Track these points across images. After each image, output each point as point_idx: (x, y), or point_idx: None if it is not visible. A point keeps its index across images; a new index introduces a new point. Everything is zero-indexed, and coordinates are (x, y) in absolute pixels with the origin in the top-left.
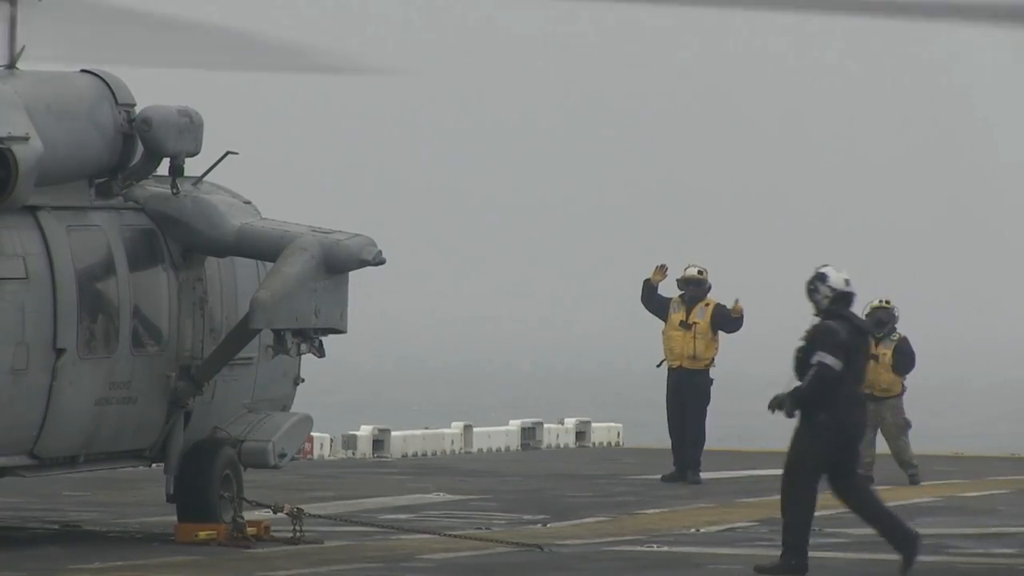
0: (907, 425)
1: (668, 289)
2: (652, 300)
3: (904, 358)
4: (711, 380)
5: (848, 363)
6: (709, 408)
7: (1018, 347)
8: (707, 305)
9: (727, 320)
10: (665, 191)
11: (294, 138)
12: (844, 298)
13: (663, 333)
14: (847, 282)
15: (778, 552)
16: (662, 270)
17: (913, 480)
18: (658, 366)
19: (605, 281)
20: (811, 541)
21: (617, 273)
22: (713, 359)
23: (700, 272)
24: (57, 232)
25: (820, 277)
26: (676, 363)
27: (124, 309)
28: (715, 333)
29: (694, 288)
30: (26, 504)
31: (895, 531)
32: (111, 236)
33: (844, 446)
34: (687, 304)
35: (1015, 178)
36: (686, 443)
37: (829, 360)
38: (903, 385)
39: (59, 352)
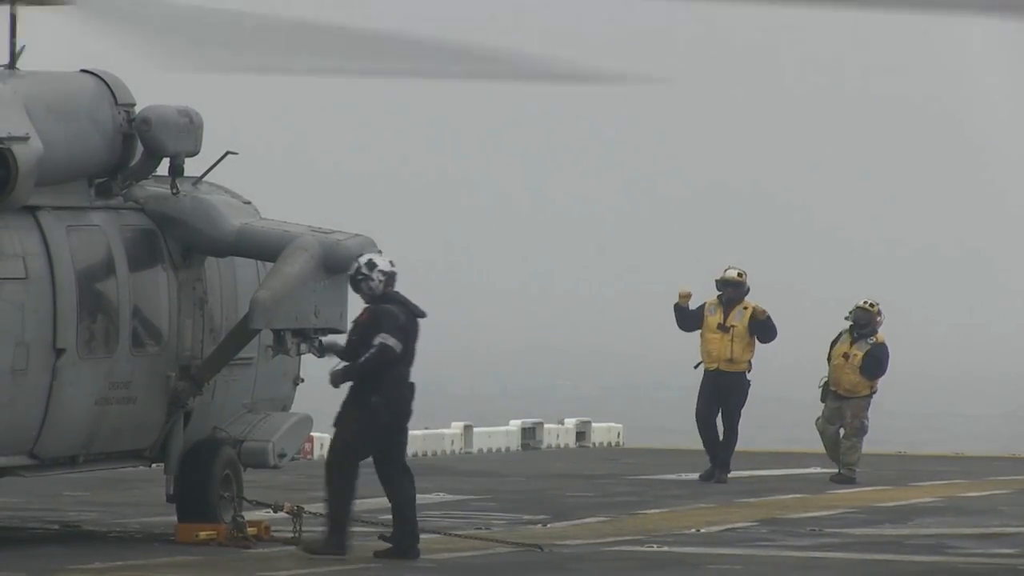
0: (863, 429)
1: (699, 287)
2: (687, 320)
3: (873, 362)
4: (748, 382)
5: (404, 347)
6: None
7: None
8: (745, 308)
9: (762, 329)
10: (664, 192)
11: (294, 138)
12: (394, 278)
13: (700, 336)
14: (392, 263)
15: (778, 552)
16: (687, 296)
17: (839, 479)
18: (696, 367)
19: (609, 280)
20: (809, 542)
21: (619, 272)
22: (750, 362)
23: (740, 274)
24: (57, 232)
25: (370, 265)
26: (714, 365)
27: (124, 309)
28: (752, 336)
29: (733, 290)
30: (26, 504)
31: (406, 530)
32: (111, 236)
33: (395, 428)
34: (724, 306)
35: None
36: (718, 442)
37: (391, 342)
38: (872, 388)
39: (59, 352)
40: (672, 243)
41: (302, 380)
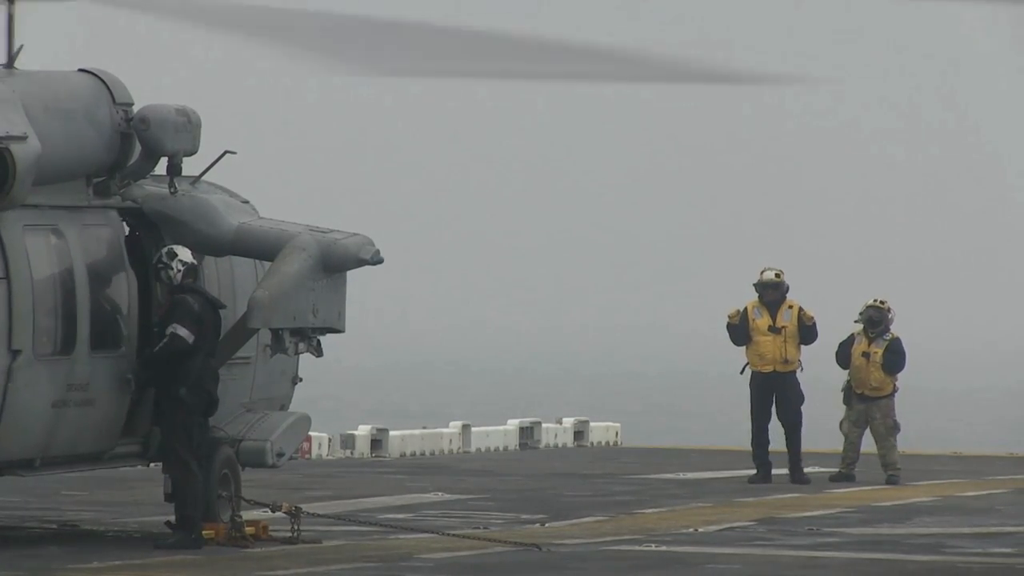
0: (896, 427)
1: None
2: (739, 333)
3: (894, 357)
4: (798, 380)
5: (201, 336)
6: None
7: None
8: (790, 307)
9: (805, 330)
10: (661, 190)
11: (294, 138)
12: (194, 270)
13: (749, 338)
14: (192, 255)
15: (776, 552)
16: (737, 314)
17: (891, 480)
18: (742, 372)
19: (605, 279)
20: (807, 541)
21: (618, 271)
22: (800, 360)
23: (777, 275)
24: (14, 233)
25: (170, 254)
26: (768, 368)
27: (82, 310)
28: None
29: (773, 291)
30: (24, 504)
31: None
32: (69, 236)
33: (206, 418)
34: (769, 307)
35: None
36: (769, 447)
37: (182, 332)
38: (895, 385)
39: (14, 353)
40: (670, 240)
41: (300, 379)
